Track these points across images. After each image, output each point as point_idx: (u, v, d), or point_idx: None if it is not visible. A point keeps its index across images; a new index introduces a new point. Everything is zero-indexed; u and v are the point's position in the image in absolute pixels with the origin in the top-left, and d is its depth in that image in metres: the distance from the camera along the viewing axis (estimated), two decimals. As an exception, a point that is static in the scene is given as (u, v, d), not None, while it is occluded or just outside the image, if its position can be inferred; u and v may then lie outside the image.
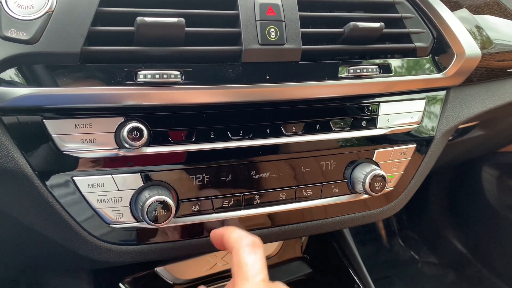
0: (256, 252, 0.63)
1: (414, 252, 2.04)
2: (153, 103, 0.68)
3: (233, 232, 0.68)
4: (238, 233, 0.67)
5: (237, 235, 0.67)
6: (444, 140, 0.97)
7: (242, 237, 0.66)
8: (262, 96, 0.74)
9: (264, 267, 0.63)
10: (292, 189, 0.81)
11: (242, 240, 0.65)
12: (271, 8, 0.73)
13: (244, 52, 0.71)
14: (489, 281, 1.81)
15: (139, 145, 0.67)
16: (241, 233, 0.67)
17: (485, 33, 1.01)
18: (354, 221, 0.90)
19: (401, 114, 0.87)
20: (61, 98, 0.63)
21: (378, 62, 0.83)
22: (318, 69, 0.78)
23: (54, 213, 0.68)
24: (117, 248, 0.73)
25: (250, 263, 0.62)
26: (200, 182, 0.75)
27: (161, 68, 0.67)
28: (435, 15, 0.89)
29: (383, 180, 0.81)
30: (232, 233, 0.68)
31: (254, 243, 0.65)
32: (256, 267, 0.62)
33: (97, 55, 0.65)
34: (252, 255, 0.63)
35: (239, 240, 0.65)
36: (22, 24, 0.61)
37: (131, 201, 0.71)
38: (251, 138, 0.76)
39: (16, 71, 0.61)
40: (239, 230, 0.68)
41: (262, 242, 0.66)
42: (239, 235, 0.66)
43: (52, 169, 0.66)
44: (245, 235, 0.66)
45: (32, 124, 0.64)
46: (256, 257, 0.63)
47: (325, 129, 0.81)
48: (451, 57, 0.89)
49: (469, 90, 0.99)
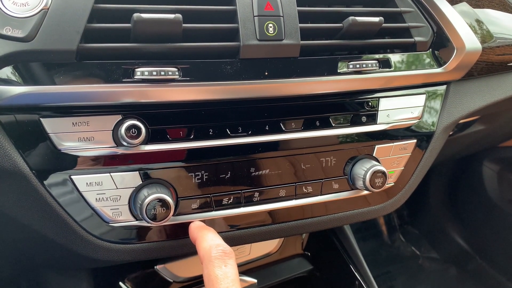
0: (227, 263, 0.60)
1: (415, 248, 2.04)
2: (150, 101, 0.67)
3: (202, 241, 0.65)
4: (207, 243, 0.64)
5: (206, 245, 0.64)
6: (445, 135, 0.96)
7: (211, 247, 0.62)
8: (261, 93, 0.74)
9: (236, 279, 0.60)
10: (292, 186, 0.81)
11: (211, 251, 0.62)
12: (269, 4, 0.72)
13: (242, 48, 0.70)
14: (490, 275, 1.81)
15: (137, 143, 0.67)
16: (210, 243, 0.64)
17: (485, 27, 1.01)
18: (355, 218, 0.90)
19: (401, 109, 0.87)
20: (58, 96, 0.63)
21: (378, 57, 0.82)
22: (317, 64, 0.77)
23: (53, 212, 0.68)
24: (116, 246, 0.73)
25: (220, 276, 0.59)
26: (199, 180, 0.74)
27: (159, 65, 0.67)
28: (435, 9, 0.88)
29: (383, 176, 0.81)
30: (201, 242, 0.65)
31: (225, 253, 0.61)
32: (227, 281, 0.59)
33: (93, 52, 0.64)
34: (222, 268, 0.60)
35: (208, 251, 0.62)
36: (17, 21, 0.60)
37: (130, 199, 0.70)
38: (250, 135, 0.75)
39: (12, 69, 0.61)
40: (209, 238, 0.65)
41: (232, 252, 0.63)
42: (208, 245, 0.63)
43: (50, 168, 0.66)
44: (214, 245, 0.63)
45: (29, 122, 0.64)
46: (226, 269, 0.60)
47: (324, 125, 0.80)
48: (451, 51, 0.89)
49: (469, 84, 0.98)
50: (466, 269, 1.89)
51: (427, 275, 1.92)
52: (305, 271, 1.26)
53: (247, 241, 0.84)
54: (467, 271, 1.89)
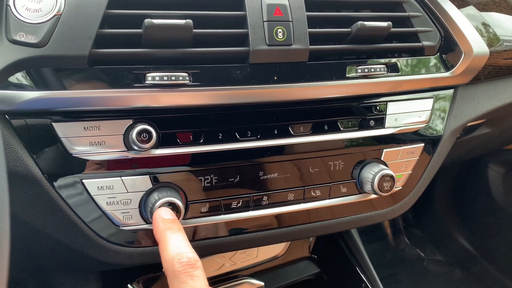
0: (193, 276, 0.55)
1: (420, 250, 2.03)
2: (161, 105, 0.68)
3: (164, 250, 0.59)
4: (169, 254, 0.57)
5: (169, 256, 0.57)
6: (452, 138, 0.96)
7: (174, 259, 0.56)
8: (270, 97, 0.74)
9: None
10: (301, 190, 0.81)
11: (174, 264, 0.56)
12: (279, 9, 0.72)
13: (251, 53, 0.71)
14: (495, 278, 1.81)
15: (148, 147, 0.67)
16: (172, 253, 0.57)
17: (492, 31, 1.01)
18: (362, 221, 0.90)
19: (409, 114, 0.87)
20: (70, 101, 0.63)
21: (386, 62, 0.82)
22: (325, 69, 0.77)
23: (64, 216, 0.68)
24: (126, 250, 0.73)
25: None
26: (209, 184, 0.75)
27: (169, 70, 0.67)
28: (443, 13, 0.89)
29: (391, 180, 0.81)
30: (164, 251, 0.59)
31: (190, 265, 0.55)
32: None
33: (105, 57, 0.65)
34: (188, 284, 0.54)
35: (171, 264, 0.56)
36: (30, 27, 0.61)
37: (140, 203, 0.71)
38: (259, 139, 0.76)
39: (24, 75, 0.62)
40: (172, 245, 0.59)
41: (198, 260, 0.57)
42: (171, 257, 0.57)
43: (61, 171, 0.66)
44: (177, 256, 0.56)
45: (41, 127, 0.64)
46: (193, 284, 0.54)
47: (333, 129, 0.81)
48: (458, 55, 0.89)
49: (476, 88, 0.99)
50: (471, 271, 1.89)
51: (432, 277, 1.92)
52: (312, 274, 1.26)
53: (256, 245, 0.84)
54: (472, 273, 1.88)
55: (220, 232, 0.78)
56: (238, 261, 1.11)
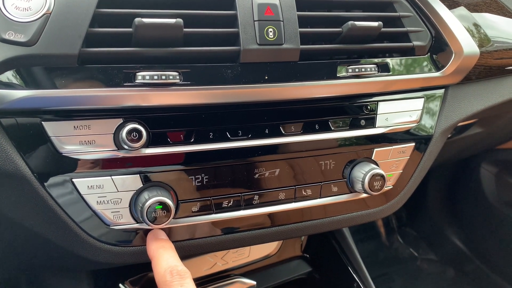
0: (182, 284, 0.60)
1: (413, 249, 2.04)
2: (152, 104, 0.68)
3: (157, 265, 0.64)
4: (161, 267, 0.63)
5: (161, 269, 0.63)
6: (443, 138, 0.97)
7: (165, 272, 0.62)
8: (261, 96, 0.74)
9: None
10: (292, 189, 0.81)
11: (165, 276, 0.61)
12: (269, 8, 0.72)
13: (242, 52, 0.71)
14: (488, 277, 1.82)
15: (138, 146, 0.67)
16: (165, 267, 0.63)
17: (483, 31, 1.01)
18: (354, 220, 0.90)
19: (399, 113, 0.88)
20: (60, 100, 0.63)
21: (377, 61, 0.83)
22: (316, 68, 0.78)
23: (54, 215, 0.68)
24: (116, 249, 0.73)
25: None
26: (200, 183, 0.75)
27: (160, 69, 0.67)
28: (433, 13, 0.89)
29: (382, 179, 0.81)
30: (156, 265, 0.64)
31: (180, 276, 0.61)
32: None
33: (95, 56, 0.65)
34: None
35: (163, 276, 0.62)
36: (20, 26, 0.61)
37: (130, 202, 0.70)
38: (250, 139, 0.76)
39: (14, 73, 0.61)
40: (164, 260, 0.65)
41: (187, 271, 0.63)
42: (163, 270, 0.62)
43: (51, 171, 0.66)
44: (169, 269, 0.62)
45: (31, 126, 0.64)
46: None
47: (324, 129, 0.81)
48: (449, 55, 0.89)
49: (467, 88, 0.99)
50: (464, 270, 1.90)
51: (425, 277, 1.93)
52: (304, 273, 1.26)
53: (247, 244, 0.85)
54: (465, 272, 1.89)
55: (211, 232, 0.78)
56: (230, 260, 1.11)
